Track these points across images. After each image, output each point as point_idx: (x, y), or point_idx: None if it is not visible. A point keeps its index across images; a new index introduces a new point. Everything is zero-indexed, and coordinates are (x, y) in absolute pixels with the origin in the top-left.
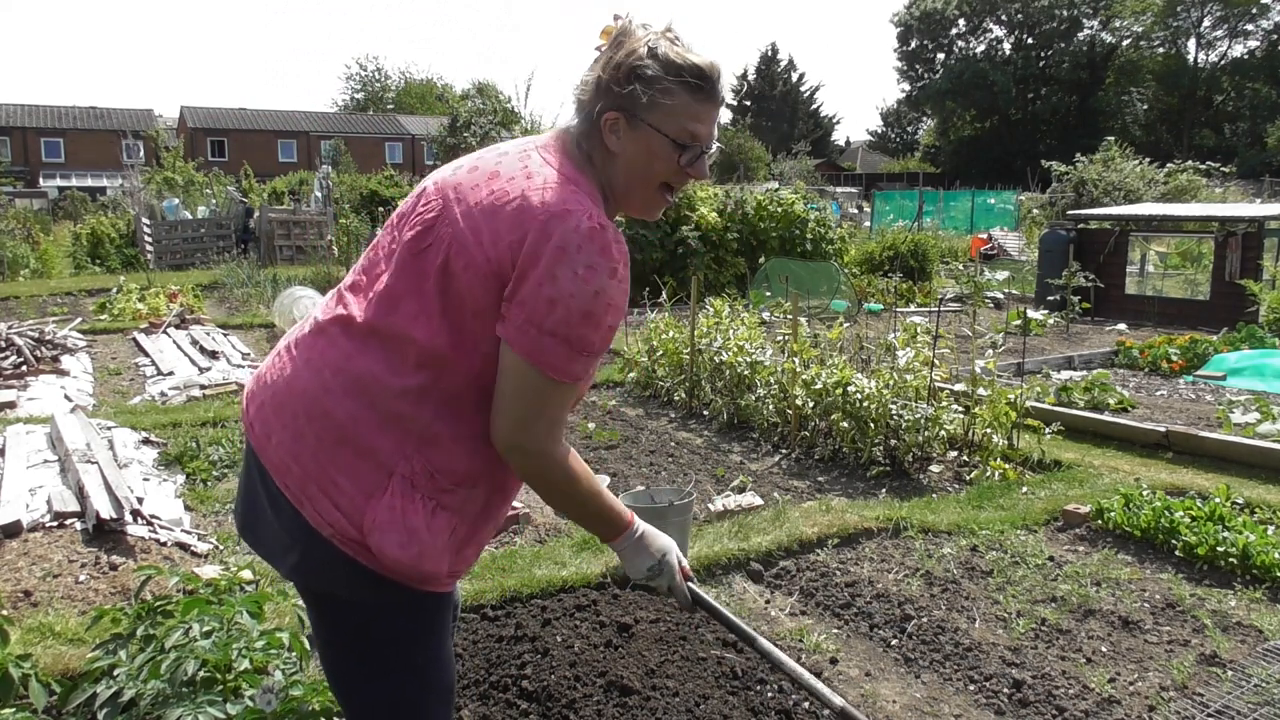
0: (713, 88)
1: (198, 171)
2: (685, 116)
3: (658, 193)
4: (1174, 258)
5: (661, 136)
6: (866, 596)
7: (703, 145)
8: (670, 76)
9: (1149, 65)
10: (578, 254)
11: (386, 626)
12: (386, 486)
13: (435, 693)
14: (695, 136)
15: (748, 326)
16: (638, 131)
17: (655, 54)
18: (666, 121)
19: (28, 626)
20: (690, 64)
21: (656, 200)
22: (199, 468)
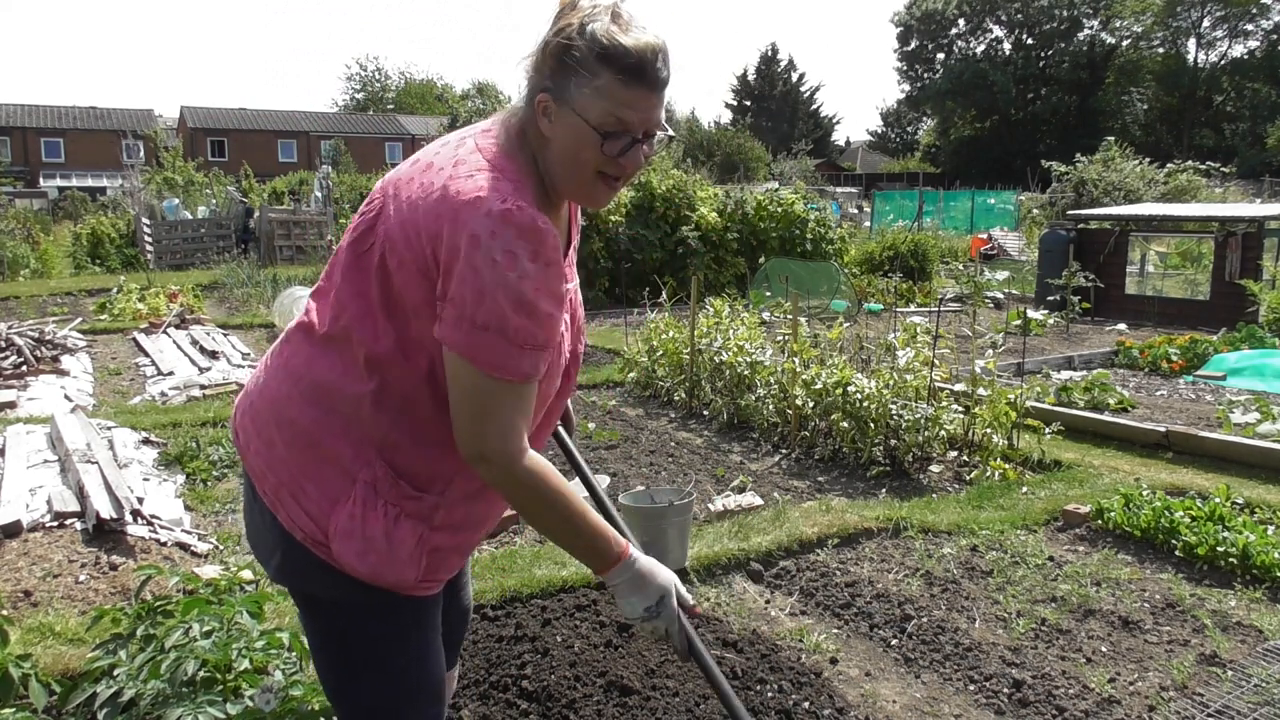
0: (644, 72)
1: (198, 171)
2: (612, 102)
3: (594, 181)
4: (1174, 258)
5: (584, 124)
6: (866, 596)
7: (634, 133)
8: (596, 58)
9: (1149, 65)
10: (492, 240)
11: (362, 629)
12: (350, 493)
13: (416, 696)
14: (623, 123)
15: (748, 326)
16: (565, 116)
17: (584, 33)
18: (591, 107)
19: (28, 626)
20: (617, 45)
21: (595, 190)
22: (199, 468)
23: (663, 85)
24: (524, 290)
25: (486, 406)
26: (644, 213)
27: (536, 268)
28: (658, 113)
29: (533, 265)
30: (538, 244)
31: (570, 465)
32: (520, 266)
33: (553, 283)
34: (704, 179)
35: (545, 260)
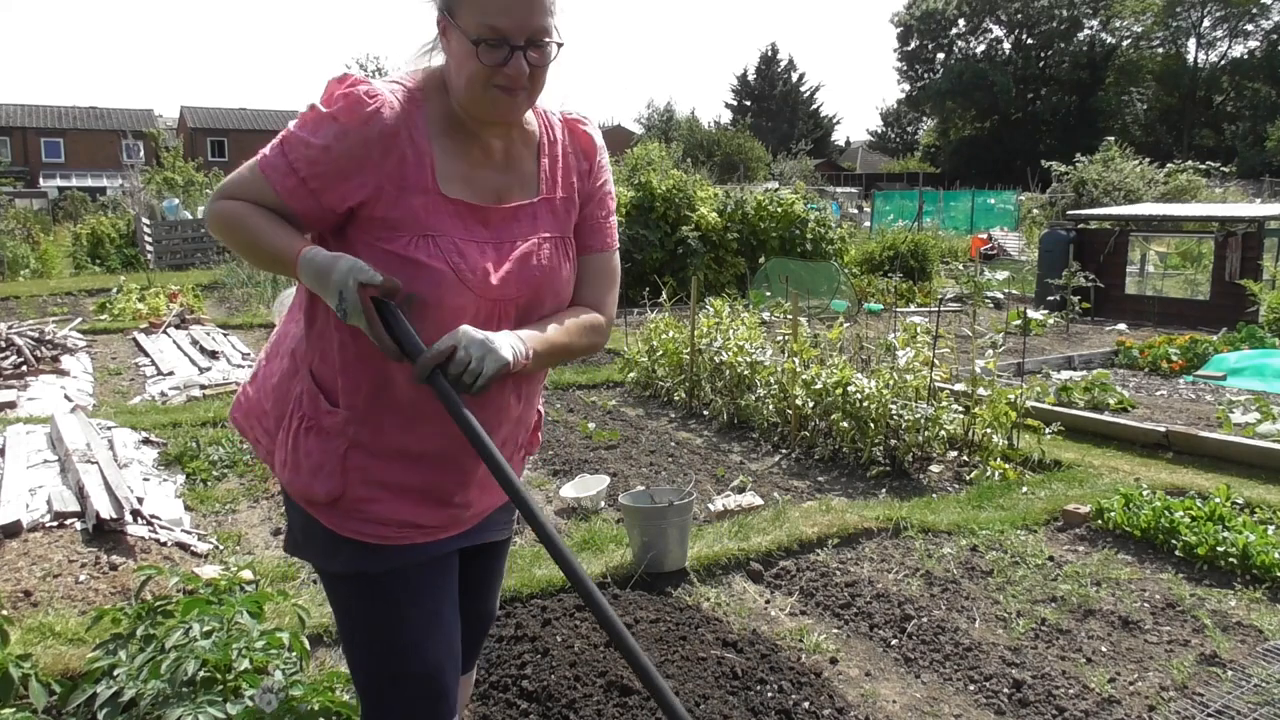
0: None
1: (198, 171)
2: (484, 11)
3: (486, 91)
4: (1174, 258)
5: (464, 37)
6: (866, 596)
7: (512, 41)
8: None
9: (1149, 65)
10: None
11: (355, 600)
12: (287, 415)
13: (398, 680)
14: (497, 31)
15: (748, 326)
16: (453, 34)
17: None
18: (468, 19)
19: (28, 626)
20: None
21: (493, 101)
22: (199, 468)
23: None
24: (303, 115)
25: (237, 172)
26: (644, 213)
27: (316, 107)
28: (537, 18)
29: (317, 102)
30: (327, 94)
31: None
32: (309, 110)
33: (312, 114)
34: (704, 179)
35: (323, 103)
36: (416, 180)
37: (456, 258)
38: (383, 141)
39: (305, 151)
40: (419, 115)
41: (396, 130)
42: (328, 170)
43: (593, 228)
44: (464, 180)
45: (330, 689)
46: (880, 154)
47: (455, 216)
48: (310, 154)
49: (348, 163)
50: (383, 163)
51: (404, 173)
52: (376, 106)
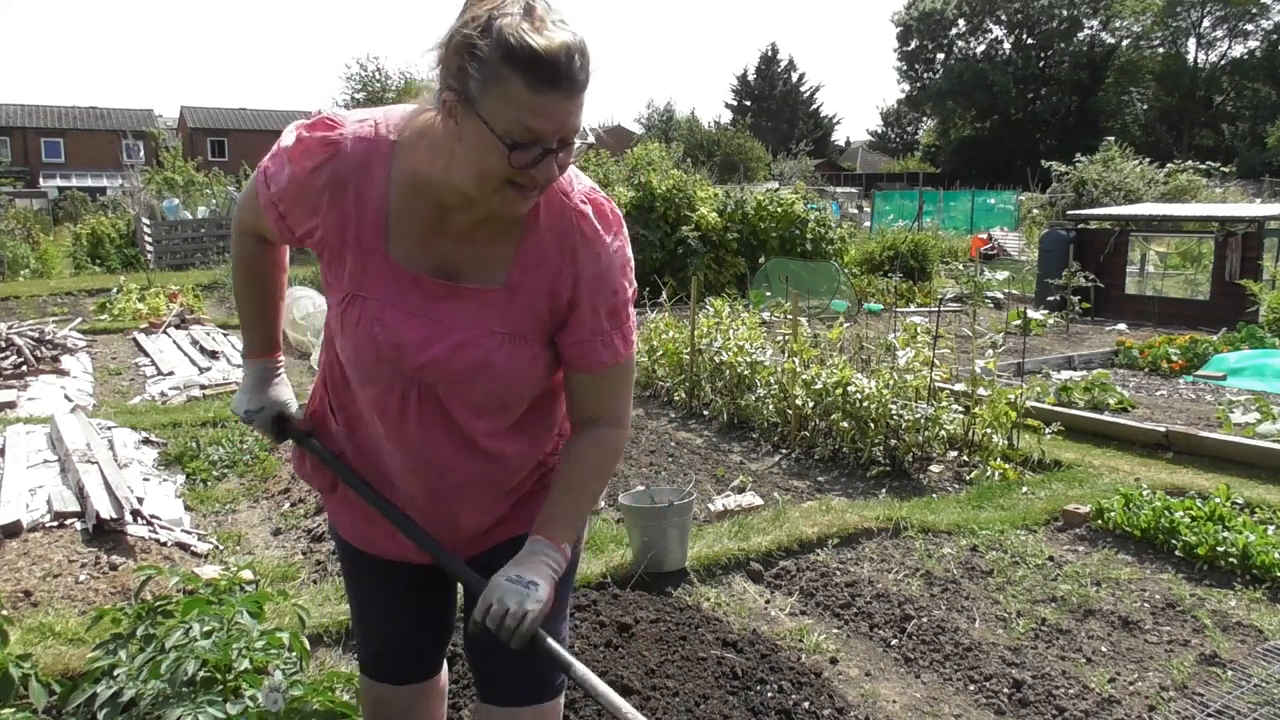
0: (557, 76)
1: (198, 171)
2: (521, 110)
3: (502, 189)
4: (1174, 258)
5: (490, 132)
6: (866, 596)
7: (546, 143)
8: (503, 59)
9: (1149, 65)
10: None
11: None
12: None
13: (360, 632)
14: (533, 133)
15: (748, 326)
16: (470, 120)
17: (490, 29)
18: (498, 114)
19: (28, 626)
20: (526, 45)
21: (505, 199)
22: (199, 468)
23: (579, 90)
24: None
25: (246, 191)
26: (644, 213)
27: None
28: (575, 119)
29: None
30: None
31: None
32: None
33: (278, 161)
34: (704, 179)
35: (282, 148)
36: (357, 238)
37: (378, 326)
38: (328, 193)
39: (276, 187)
40: (380, 170)
41: (345, 184)
42: (291, 209)
43: (594, 344)
44: (415, 245)
45: (330, 689)
46: (880, 154)
47: (392, 280)
48: (278, 191)
49: (301, 205)
50: (328, 214)
51: (345, 228)
52: (326, 158)
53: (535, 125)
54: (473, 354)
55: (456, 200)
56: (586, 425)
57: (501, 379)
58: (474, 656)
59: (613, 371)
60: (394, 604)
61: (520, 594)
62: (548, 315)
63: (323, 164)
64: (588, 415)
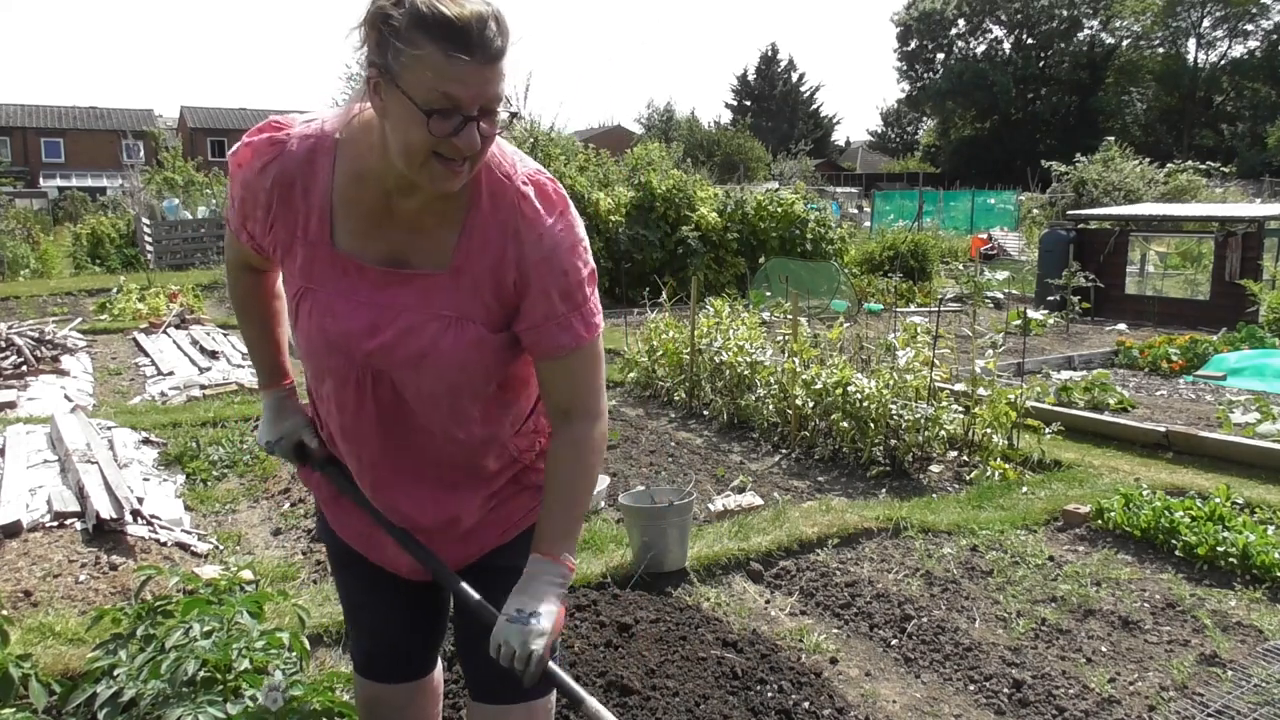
0: (469, 41)
1: (198, 171)
2: (437, 76)
3: (429, 163)
4: (1174, 258)
5: (409, 101)
6: (866, 596)
7: (465, 111)
8: (415, 27)
9: (1149, 65)
10: None
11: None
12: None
13: (350, 624)
14: (451, 99)
15: (748, 326)
16: (392, 93)
17: (402, 2)
18: (416, 83)
19: (28, 626)
20: (437, 12)
21: (433, 173)
22: (199, 468)
23: (495, 56)
24: None
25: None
26: (644, 213)
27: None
28: (493, 86)
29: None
30: (240, 144)
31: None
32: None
33: (231, 170)
34: (704, 179)
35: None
36: (305, 231)
37: (328, 318)
38: (277, 190)
39: (235, 201)
40: (324, 164)
41: (292, 180)
42: (249, 216)
43: (549, 328)
44: (361, 236)
45: (330, 689)
46: (880, 154)
47: (340, 272)
48: (237, 203)
49: (255, 208)
50: (279, 210)
51: (294, 223)
52: (272, 157)
53: (452, 91)
54: (419, 337)
55: (400, 185)
56: (561, 422)
57: (448, 363)
58: (465, 657)
59: (575, 356)
60: (384, 606)
61: (522, 633)
62: (493, 299)
63: (269, 163)
64: (560, 407)
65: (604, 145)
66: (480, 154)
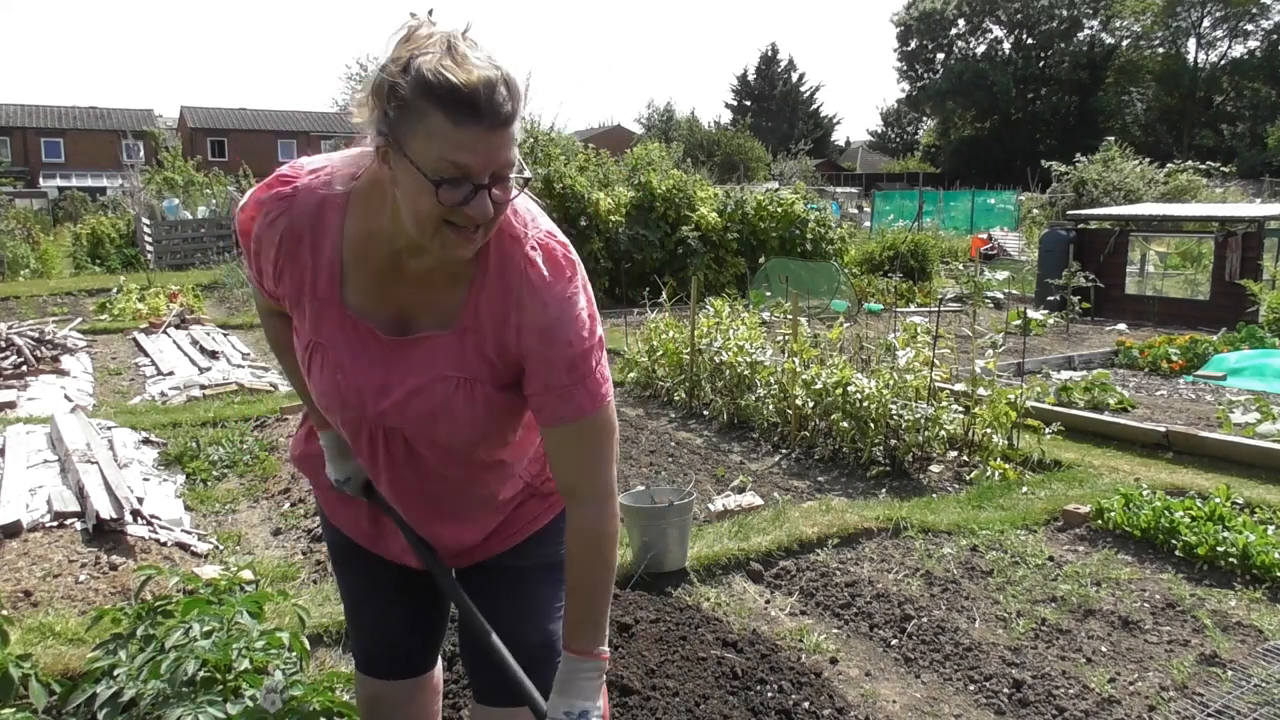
0: (476, 108)
1: (197, 171)
2: (445, 145)
3: (441, 231)
4: (1174, 258)
5: (418, 171)
6: (866, 596)
7: (476, 179)
8: (422, 96)
9: (1149, 65)
10: None
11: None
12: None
13: (350, 621)
14: (460, 168)
15: (748, 326)
16: (401, 163)
17: (409, 69)
18: (424, 152)
19: (28, 626)
20: (444, 80)
21: (445, 241)
22: (199, 468)
23: (503, 121)
24: None
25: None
26: (644, 213)
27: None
28: (504, 152)
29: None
30: (248, 197)
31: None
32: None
33: (239, 224)
34: (704, 179)
35: (246, 205)
36: (314, 288)
37: (339, 374)
38: (286, 244)
39: (244, 249)
40: (333, 221)
41: (300, 234)
42: (257, 266)
43: (550, 398)
44: (370, 294)
45: (330, 689)
46: (880, 154)
47: (350, 330)
48: (246, 251)
49: (262, 262)
50: (287, 264)
51: (302, 277)
52: (280, 210)
53: (460, 160)
54: (429, 399)
55: (409, 245)
56: (570, 503)
57: (460, 421)
58: (470, 660)
59: (577, 428)
60: (385, 603)
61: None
62: (498, 361)
63: (278, 218)
64: (566, 484)
65: (604, 145)
66: (493, 221)
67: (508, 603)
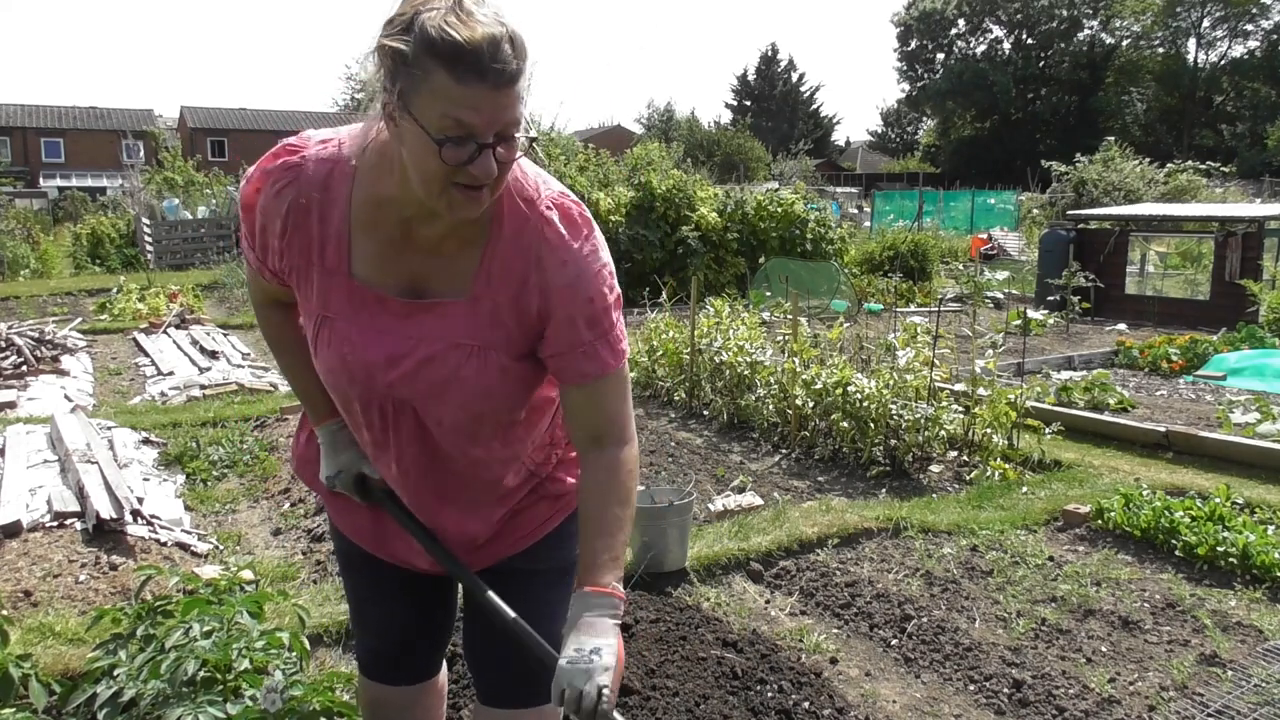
0: (480, 65)
1: (197, 171)
2: (448, 103)
3: (448, 191)
4: (1174, 258)
5: (422, 130)
6: (866, 596)
7: (480, 137)
8: (425, 53)
9: (1149, 65)
10: None
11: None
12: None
13: (356, 624)
14: (464, 126)
15: (748, 326)
16: (406, 123)
17: (413, 26)
18: (428, 110)
19: (28, 626)
20: (448, 37)
21: (452, 201)
22: (199, 468)
23: (508, 80)
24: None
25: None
26: (644, 213)
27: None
28: (509, 111)
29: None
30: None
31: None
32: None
33: (243, 198)
34: (704, 179)
35: (251, 178)
36: (321, 259)
37: (346, 347)
38: (293, 215)
39: (247, 225)
40: (341, 190)
41: (308, 208)
42: (262, 243)
43: (574, 356)
44: (379, 263)
45: (330, 689)
46: (880, 154)
47: (358, 301)
48: (250, 231)
49: (267, 236)
50: (293, 236)
51: (309, 248)
52: (287, 181)
53: (464, 118)
54: (440, 368)
55: (419, 212)
56: (592, 449)
57: (471, 392)
58: (474, 661)
59: (603, 383)
60: (392, 605)
61: (587, 672)
62: (516, 327)
63: (285, 187)
64: (589, 433)
65: (604, 145)
66: (499, 181)
67: (518, 606)
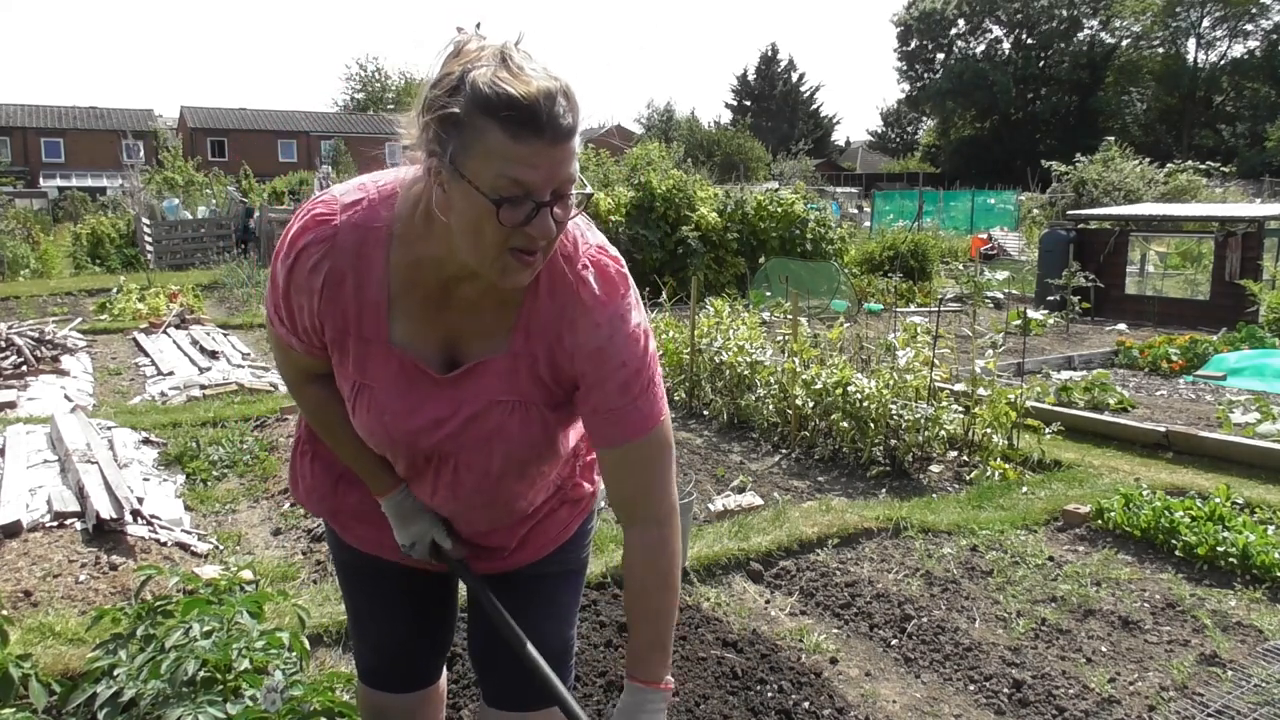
0: (537, 121)
1: (197, 171)
2: (505, 162)
3: (503, 257)
4: (1174, 258)
5: (476, 191)
6: (866, 596)
7: (537, 196)
8: (480, 111)
9: (1149, 65)
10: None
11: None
12: (298, 439)
13: (355, 632)
14: (521, 186)
15: (748, 326)
16: (457, 184)
17: (464, 84)
18: (481, 171)
19: (28, 626)
20: (503, 93)
21: (506, 267)
22: (199, 468)
23: (565, 134)
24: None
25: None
26: (644, 213)
27: (275, 263)
28: (565, 167)
29: (275, 262)
30: (284, 246)
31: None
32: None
33: (274, 272)
34: (704, 179)
35: (281, 258)
36: (358, 327)
37: (387, 415)
38: (328, 290)
39: (278, 302)
40: (378, 255)
41: (343, 276)
42: (297, 319)
43: (604, 419)
44: (417, 325)
45: (330, 689)
46: (880, 154)
47: (397, 368)
48: (282, 304)
49: (306, 316)
50: (327, 306)
51: (345, 317)
52: (321, 255)
53: (522, 176)
54: (484, 424)
55: (459, 272)
56: (629, 523)
57: (517, 443)
58: (480, 665)
59: (634, 448)
60: (392, 611)
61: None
62: (552, 382)
63: (320, 260)
64: (622, 498)
65: (603, 145)
66: (553, 243)
67: (530, 607)
